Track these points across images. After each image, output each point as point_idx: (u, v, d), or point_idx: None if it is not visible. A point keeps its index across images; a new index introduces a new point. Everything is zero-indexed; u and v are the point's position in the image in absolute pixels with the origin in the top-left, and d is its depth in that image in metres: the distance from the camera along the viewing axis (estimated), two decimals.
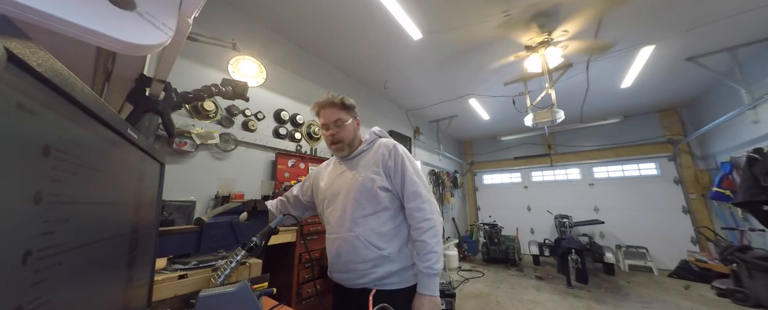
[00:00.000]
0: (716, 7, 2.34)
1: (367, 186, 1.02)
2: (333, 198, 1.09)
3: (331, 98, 1.09)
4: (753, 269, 2.78)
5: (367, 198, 1.01)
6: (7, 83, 0.20)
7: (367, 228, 0.99)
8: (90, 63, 0.73)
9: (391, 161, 1.05)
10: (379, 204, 1.01)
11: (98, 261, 0.38)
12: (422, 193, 1.01)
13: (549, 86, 2.90)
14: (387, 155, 1.06)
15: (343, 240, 1.01)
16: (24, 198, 0.23)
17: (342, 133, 1.09)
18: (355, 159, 1.13)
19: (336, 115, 1.08)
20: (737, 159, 3.34)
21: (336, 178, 1.13)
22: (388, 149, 1.08)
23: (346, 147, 1.11)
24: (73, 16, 0.37)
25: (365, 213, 1.00)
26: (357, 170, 1.07)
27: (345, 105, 1.10)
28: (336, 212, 1.06)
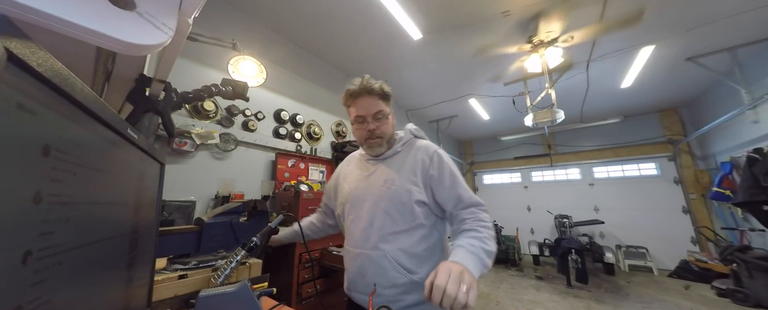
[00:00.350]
0: (716, 7, 2.33)
1: (402, 198, 0.87)
2: (357, 205, 0.94)
3: (369, 85, 0.90)
4: (753, 269, 2.78)
5: (400, 212, 0.87)
6: (7, 83, 0.20)
7: (398, 247, 0.85)
8: (90, 63, 0.73)
9: (434, 169, 0.90)
10: (414, 220, 0.86)
11: (98, 261, 0.38)
12: (479, 200, 0.88)
13: (549, 86, 2.90)
14: (428, 162, 0.91)
15: (368, 258, 0.87)
16: (24, 198, 0.23)
17: (383, 128, 0.93)
18: (388, 160, 0.97)
19: (376, 106, 0.91)
20: (737, 159, 3.34)
21: (362, 180, 0.98)
22: (429, 155, 0.92)
23: (384, 144, 0.95)
24: (73, 16, 0.37)
25: (396, 229, 0.86)
26: (390, 174, 0.92)
27: (385, 94, 0.92)
28: (360, 223, 0.91)
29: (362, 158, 1.05)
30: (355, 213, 0.94)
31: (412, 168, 0.92)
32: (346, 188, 1.02)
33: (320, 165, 2.78)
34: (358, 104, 0.92)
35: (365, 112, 0.91)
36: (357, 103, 0.92)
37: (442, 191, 0.88)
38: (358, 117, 0.93)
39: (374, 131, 0.92)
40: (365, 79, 0.92)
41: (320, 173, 2.77)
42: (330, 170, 2.91)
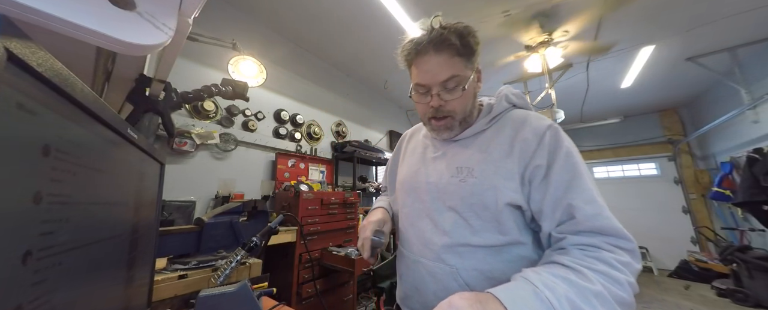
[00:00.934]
0: (716, 7, 2.33)
1: (484, 198, 0.58)
2: (414, 195, 0.70)
3: (441, 35, 0.57)
4: (753, 269, 2.78)
5: (480, 217, 0.59)
6: (7, 83, 0.20)
7: (474, 265, 0.58)
8: (90, 63, 0.73)
9: (543, 156, 0.56)
10: (504, 232, 0.57)
11: (98, 261, 0.38)
12: (616, 225, 0.50)
13: (549, 86, 2.90)
14: (535, 145, 0.57)
15: (429, 272, 0.63)
16: (24, 198, 0.23)
17: (455, 104, 0.61)
18: (465, 140, 0.67)
19: (448, 68, 0.58)
20: (737, 159, 3.34)
21: (424, 163, 0.72)
22: (538, 133, 0.58)
23: (455, 126, 0.65)
24: (73, 16, 0.37)
25: (474, 241, 0.59)
26: (467, 160, 0.63)
27: (466, 47, 0.58)
28: (418, 221, 0.67)
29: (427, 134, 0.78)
30: (410, 206, 0.70)
31: (505, 151, 0.60)
32: (403, 171, 0.78)
33: (320, 165, 2.78)
34: (420, 66, 0.61)
35: (429, 80, 0.60)
36: (419, 63, 0.61)
37: (540, 193, 0.55)
38: (418, 86, 0.63)
39: (440, 109, 0.62)
40: (435, 23, 0.59)
41: (320, 173, 2.77)
42: (330, 170, 2.91)
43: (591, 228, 0.50)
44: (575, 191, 0.52)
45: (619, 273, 0.45)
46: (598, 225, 0.50)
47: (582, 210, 0.51)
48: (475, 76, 0.63)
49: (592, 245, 0.49)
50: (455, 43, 0.57)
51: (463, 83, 0.60)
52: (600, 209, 0.51)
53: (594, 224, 0.50)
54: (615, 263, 0.46)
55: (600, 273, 0.45)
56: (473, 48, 0.59)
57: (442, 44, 0.58)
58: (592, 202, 0.51)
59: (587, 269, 0.45)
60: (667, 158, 4.81)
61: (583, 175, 0.54)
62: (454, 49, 0.58)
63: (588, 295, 0.42)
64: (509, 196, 0.57)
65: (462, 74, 0.59)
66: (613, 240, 0.49)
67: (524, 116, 0.65)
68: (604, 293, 0.43)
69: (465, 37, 0.58)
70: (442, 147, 0.71)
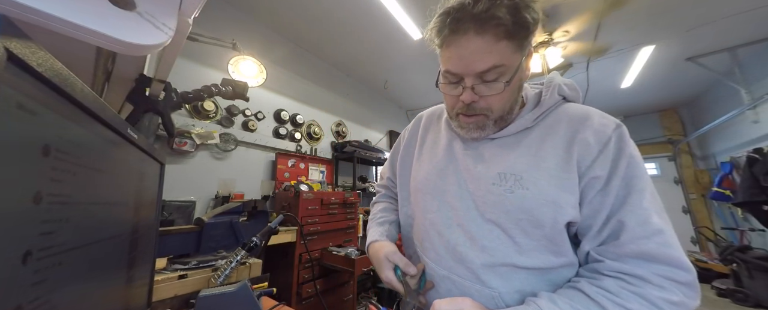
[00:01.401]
0: (716, 7, 2.33)
1: (541, 216, 0.47)
2: (442, 200, 0.59)
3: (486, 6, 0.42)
4: (753, 269, 2.78)
5: (530, 236, 0.49)
6: (7, 83, 0.20)
7: (518, 288, 0.50)
8: (90, 63, 0.73)
9: (604, 166, 0.46)
10: (559, 255, 0.49)
11: (98, 261, 0.38)
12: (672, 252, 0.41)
13: None
14: (596, 152, 0.47)
15: (463, 292, 0.52)
16: (24, 198, 0.23)
17: (492, 100, 0.49)
18: (504, 139, 0.55)
19: (493, 54, 0.44)
20: (737, 159, 3.34)
21: (452, 163, 0.60)
22: (601, 139, 0.48)
23: (489, 125, 0.53)
24: (73, 16, 0.37)
25: (521, 263, 0.49)
26: (514, 164, 0.51)
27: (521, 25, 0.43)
28: (448, 233, 0.56)
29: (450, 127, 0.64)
30: (436, 212, 0.58)
31: (562, 157, 0.49)
32: (423, 167, 0.64)
33: (320, 165, 2.78)
34: (454, 48, 0.47)
35: (463, 69, 0.47)
36: (452, 44, 0.47)
37: (592, 208, 0.47)
38: (448, 73, 0.49)
39: (473, 105, 0.50)
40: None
41: (320, 172, 2.77)
42: (330, 170, 2.91)
43: (636, 253, 0.41)
44: (629, 207, 0.43)
45: None
46: (646, 250, 0.41)
47: (631, 230, 0.42)
48: (525, 63, 0.48)
49: (635, 276, 0.41)
50: (506, 21, 0.42)
51: (508, 75, 0.46)
52: (654, 232, 0.41)
53: (640, 249, 0.41)
54: (661, 303, 0.38)
55: None
56: (529, 27, 0.44)
57: (487, 21, 0.42)
58: (645, 223, 0.42)
59: (617, 306, 0.39)
60: (667, 158, 4.80)
61: (645, 190, 0.44)
62: (502, 29, 0.43)
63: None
64: (571, 213, 0.46)
65: (508, 63, 0.45)
66: (664, 270, 0.40)
67: (584, 113, 0.52)
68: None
69: (520, 11, 0.42)
70: (472, 144, 0.58)
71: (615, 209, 0.45)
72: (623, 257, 0.42)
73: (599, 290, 0.41)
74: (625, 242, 0.42)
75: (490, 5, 0.42)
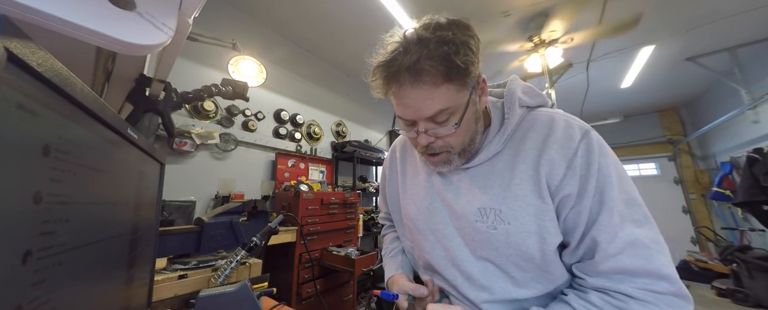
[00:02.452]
0: (716, 7, 2.33)
1: (528, 249, 0.47)
2: (431, 238, 0.59)
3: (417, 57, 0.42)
4: (753, 269, 2.78)
5: (524, 269, 0.50)
6: (7, 83, 0.20)
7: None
8: (90, 63, 0.73)
9: (573, 184, 0.45)
10: (555, 282, 0.50)
11: (98, 261, 0.38)
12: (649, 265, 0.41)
13: (549, 86, 2.90)
14: (563, 170, 0.46)
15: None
16: (24, 198, 0.23)
17: (450, 139, 0.50)
18: (476, 169, 0.55)
19: (436, 100, 0.45)
20: (737, 159, 3.34)
21: (434, 199, 0.59)
22: (566, 155, 0.47)
23: (455, 159, 0.53)
24: (73, 16, 0.37)
25: (521, 295, 0.50)
26: (489, 199, 0.51)
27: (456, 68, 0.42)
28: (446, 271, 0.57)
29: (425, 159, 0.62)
30: (430, 252, 0.59)
31: (533, 180, 0.48)
32: (409, 203, 0.64)
33: (320, 165, 2.78)
34: (398, 98, 0.47)
35: (412, 116, 0.47)
36: (397, 96, 0.48)
37: (568, 224, 0.47)
38: (401, 118, 0.51)
39: (432, 146, 0.51)
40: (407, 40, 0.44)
41: (320, 173, 2.77)
42: (330, 170, 2.91)
43: (613, 270, 0.42)
44: (600, 225, 0.43)
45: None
46: (622, 265, 0.41)
47: (603, 250, 0.42)
48: (476, 95, 0.48)
49: (618, 291, 0.41)
50: (437, 70, 0.42)
51: (457, 115, 0.46)
52: (626, 245, 0.41)
53: (616, 265, 0.42)
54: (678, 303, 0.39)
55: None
56: (466, 67, 0.43)
57: (419, 73, 0.43)
58: (616, 239, 0.42)
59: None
60: (667, 158, 4.80)
61: (614, 202, 0.43)
62: (437, 76, 0.43)
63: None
64: (555, 241, 0.46)
65: (454, 104, 0.45)
66: (645, 283, 0.40)
67: (548, 123, 0.50)
68: None
69: (450, 57, 0.42)
70: (451, 176, 0.57)
71: (589, 225, 0.45)
72: (602, 273, 0.43)
73: (586, 304, 0.42)
74: (600, 261, 0.43)
75: (419, 57, 0.42)
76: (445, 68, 0.42)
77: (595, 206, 0.44)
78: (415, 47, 0.43)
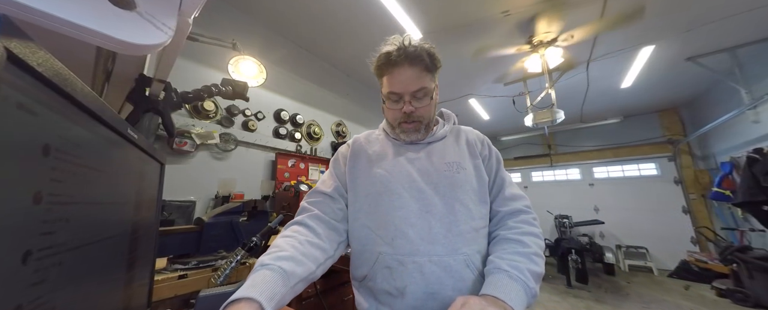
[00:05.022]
0: (716, 7, 2.33)
1: (477, 185, 0.71)
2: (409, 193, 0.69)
3: (412, 51, 0.67)
4: (753, 270, 2.78)
5: (475, 202, 0.69)
6: (7, 83, 0.20)
7: (478, 249, 0.66)
8: (90, 63, 0.73)
9: (486, 148, 0.79)
10: (488, 213, 0.72)
11: (98, 261, 0.38)
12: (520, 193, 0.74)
13: (549, 86, 2.90)
14: (479, 143, 0.79)
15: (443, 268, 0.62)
16: (24, 198, 0.23)
17: (423, 111, 0.72)
18: (436, 143, 0.78)
19: (418, 80, 0.68)
20: (737, 159, 3.34)
21: (408, 163, 0.74)
22: (479, 138, 0.81)
23: (422, 129, 0.75)
24: (73, 16, 0.37)
25: (475, 225, 0.67)
26: (452, 156, 0.75)
27: (432, 63, 0.70)
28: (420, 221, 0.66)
29: (390, 139, 0.82)
30: (406, 207, 0.67)
31: (470, 150, 0.77)
32: (380, 172, 0.73)
33: (320, 165, 2.78)
34: (394, 77, 0.69)
35: (402, 89, 0.69)
36: (392, 74, 0.69)
37: (487, 171, 0.76)
38: (391, 94, 0.71)
39: (412, 114, 0.71)
40: (406, 40, 0.68)
41: (320, 173, 2.77)
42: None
43: (511, 196, 0.72)
44: (501, 171, 0.77)
45: (536, 228, 0.67)
46: (516, 195, 0.73)
47: (505, 181, 0.75)
48: (436, 91, 0.75)
49: (516, 210, 0.70)
50: (426, 60, 0.68)
51: (430, 94, 0.72)
52: (512, 183, 0.75)
53: (512, 195, 0.72)
54: (532, 220, 0.68)
55: (530, 235, 0.65)
56: (437, 66, 0.72)
57: (416, 59, 0.68)
58: (511, 182, 0.76)
59: (523, 235, 0.64)
60: (667, 158, 4.80)
61: (502, 163, 0.79)
62: (424, 64, 0.68)
63: (533, 257, 0.60)
64: (486, 178, 0.74)
65: (429, 87, 0.70)
66: (525, 204, 0.72)
67: (469, 129, 0.85)
68: (538, 251, 0.62)
69: (432, 56, 0.70)
70: (419, 149, 0.78)
71: (495, 174, 0.76)
72: (507, 201, 0.72)
73: (508, 231, 0.66)
74: (507, 196, 0.72)
75: (416, 49, 0.68)
76: (430, 62, 0.69)
77: (495, 164, 0.77)
78: (412, 46, 0.69)
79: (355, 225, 0.73)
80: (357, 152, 0.81)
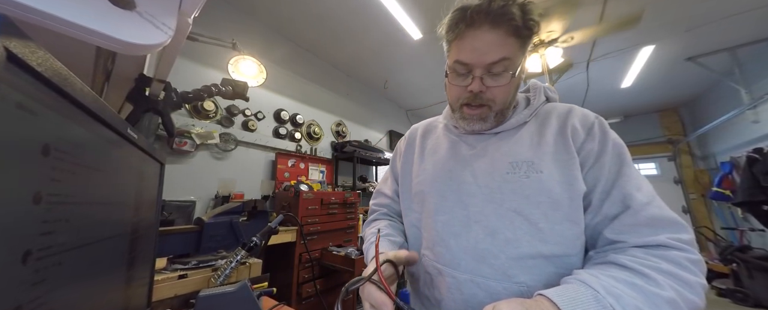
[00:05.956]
0: (716, 7, 2.33)
1: (558, 195, 0.49)
2: (453, 198, 0.57)
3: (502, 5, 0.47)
4: (753, 269, 2.78)
5: (550, 218, 0.49)
6: (7, 83, 0.20)
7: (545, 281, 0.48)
8: (90, 63, 0.73)
9: (594, 140, 0.51)
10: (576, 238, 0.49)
11: (98, 261, 0.38)
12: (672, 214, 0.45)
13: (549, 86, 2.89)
14: (584, 134, 0.52)
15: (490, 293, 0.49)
16: (24, 198, 0.23)
17: (497, 92, 0.52)
18: (507, 133, 0.58)
19: (502, 48, 0.49)
20: (737, 159, 3.34)
21: (460, 160, 0.60)
22: (587, 123, 0.54)
23: (490, 117, 0.56)
24: (73, 16, 0.37)
25: (548, 250, 0.48)
26: (522, 152, 0.54)
27: (527, 27, 0.49)
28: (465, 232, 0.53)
29: (449, 127, 0.66)
30: (449, 213, 0.56)
31: (561, 141, 0.53)
32: (426, 170, 0.63)
33: (320, 165, 2.78)
34: (465, 41, 0.50)
35: (475, 59, 0.50)
36: (463, 38, 0.51)
37: (592, 178, 0.49)
38: (458, 64, 0.52)
39: (480, 95, 0.52)
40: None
41: (320, 172, 2.78)
42: (330, 170, 2.91)
43: (650, 220, 0.44)
44: (626, 178, 0.47)
45: (690, 275, 0.40)
46: (652, 214, 0.44)
47: (635, 198, 0.45)
48: (524, 63, 0.53)
49: (656, 244, 0.43)
50: (517, 20, 0.47)
51: (513, 69, 0.50)
52: (653, 197, 0.46)
53: (652, 214, 0.44)
54: (684, 262, 0.41)
55: (669, 275, 0.39)
56: (532, 30, 0.49)
57: (502, 18, 0.47)
58: (641, 188, 0.46)
59: (653, 270, 0.39)
60: (667, 158, 4.81)
61: (631, 164, 0.49)
62: (513, 26, 0.47)
63: (659, 303, 0.37)
64: (582, 185, 0.49)
65: (514, 58, 0.49)
66: (673, 231, 0.43)
67: (569, 107, 0.58)
68: (677, 301, 0.37)
69: (528, 13, 0.48)
70: (478, 143, 0.59)
71: (611, 182, 0.48)
72: (638, 226, 0.44)
73: (628, 257, 0.42)
74: (637, 210, 0.45)
75: (505, 3, 0.47)
76: (522, 22, 0.47)
77: (614, 164, 0.49)
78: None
79: (406, 221, 0.68)
80: (411, 145, 0.72)
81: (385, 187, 0.77)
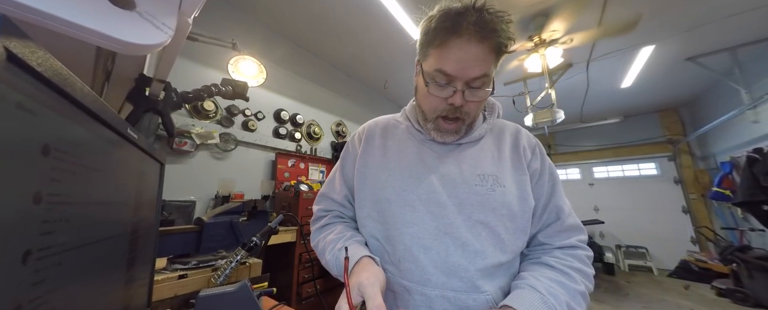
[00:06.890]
0: (716, 6, 2.33)
1: (516, 209, 0.54)
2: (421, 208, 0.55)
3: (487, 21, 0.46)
4: (753, 269, 2.78)
5: (509, 230, 0.54)
6: (7, 83, 0.20)
7: (502, 287, 0.53)
8: (90, 63, 0.73)
9: (537, 160, 0.59)
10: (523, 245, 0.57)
11: (98, 261, 0.38)
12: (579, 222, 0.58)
13: (549, 86, 2.90)
14: (530, 154, 0.60)
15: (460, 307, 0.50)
16: (24, 198, 0.23)
17: (472, 106, 0.54)
18: (467, 145, 0.60)
19: (485, 64, 0.49)
20: (737, 159, 3.34)
21: (428, 171, 0.58)
22: (531, 145, 0.62)
23: (462, 130, 0.58)
24: (73, 16, 0.37)
25: (504, 258, 0.53)
26: (487, 166, 0.57)
27: (505, 44, 0.49)
28: (435, 244, 0.53)
29: (414, 132, 0.64)
30: (419, 224, 0.54)
31: (515, 161, 0.58)
32: (391, 180, 0.59)
33: (320, 165, 2.78)
34: (450, 51, 0.48)
35: (458, 71, 0.48)
36: (448, 47, 0.48)
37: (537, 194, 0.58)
38: (440, 73, 0.50)
39: (460, 109, 0.53)
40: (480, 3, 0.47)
41: (320, 172, 2.77)
42: (330, 170, 2.91)
43: (569, 227, 0.57)
44: (558, 194, 0.59)
45: (588, 268, 0.54)
46: (572, 224, 0.58)
47: (564, 211, 0.58)
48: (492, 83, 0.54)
49: (570, 245, 0.56)
50: (501, 36, 0.46)
51: (489, 85, 0.51)
52: (571, 208, 0.59)
53: (571, 223, 0.58)
54: (585, 259, 0.55)
55: (579, 272, 0.52)
56: (507, 48, 0.49)
57: (492, 33, 0.46)
58: (566, 202, 0.59)
59: (570, 269, 0.52)
60: (667, 158, 4.80)
61: (560, 182, 0.61)
62: (495, 43, 0.47)
63: (576, 295, 0.49)
64: (532, 201, 0.57)
65: (490, 75, 0.50)
66: (579, 236, 0.57)
67: (516, 127, 0.67)
68: (585, 291, 0.51)
69: (507, 31, 0.47)
70: (443, 151, 0.60)
71: (549, 197, 0.59)
72: (562, 232, 0.57)
73: (554, 259, 0.54)
74: (564, 220, 0.57)
75: (493, 17, 0.47)
76: (504, 41, 0.48)
77: (549, 184, 0.59)
78: (492, 10, 0.47)
79: (364, 231, 0.62)
80: (370, 144, 0.66)
81: (332, 191, 0.69)
